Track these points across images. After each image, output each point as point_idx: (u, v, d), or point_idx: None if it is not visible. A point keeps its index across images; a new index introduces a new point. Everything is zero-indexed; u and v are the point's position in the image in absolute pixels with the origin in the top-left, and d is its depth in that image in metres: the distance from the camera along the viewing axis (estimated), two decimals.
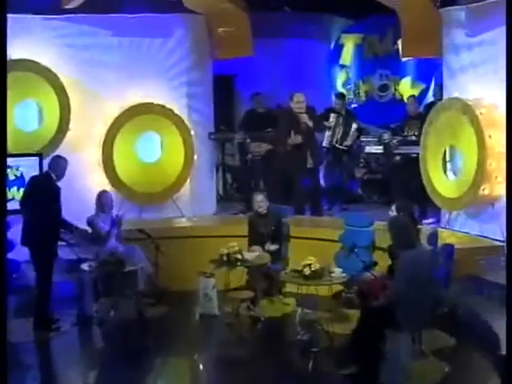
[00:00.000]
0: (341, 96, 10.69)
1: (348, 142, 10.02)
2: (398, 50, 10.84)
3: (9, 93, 6.63)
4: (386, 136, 9.52)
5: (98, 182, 9.10)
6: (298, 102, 9.01)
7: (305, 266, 6.70)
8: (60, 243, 7.20)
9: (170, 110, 9.39)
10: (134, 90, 9.28)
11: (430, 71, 11.43)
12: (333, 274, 6.81)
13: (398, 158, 9.41)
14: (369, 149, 10.27)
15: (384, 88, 11.94)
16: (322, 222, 9.10)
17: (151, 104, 9.32)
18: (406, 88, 11.69)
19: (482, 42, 8.24)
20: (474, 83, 8.36)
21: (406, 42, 9.45)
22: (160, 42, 9.45)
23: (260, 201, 7.86)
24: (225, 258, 7.35)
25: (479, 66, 8.27)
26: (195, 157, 9.53)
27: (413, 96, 10.28)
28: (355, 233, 7.79)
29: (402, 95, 11.66)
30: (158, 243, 7.89)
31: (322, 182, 9.62)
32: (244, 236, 8.01)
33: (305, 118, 9.00)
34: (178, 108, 9.43)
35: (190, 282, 7.90)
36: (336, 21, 12.34)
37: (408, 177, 9.16)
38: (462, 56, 8.60)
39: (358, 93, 11.99)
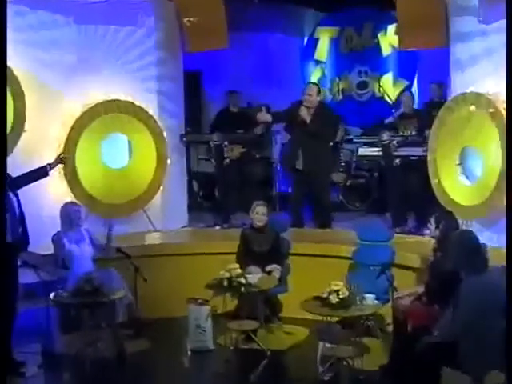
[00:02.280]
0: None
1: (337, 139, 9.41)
2: (377, 43, 11.08)
3: None
4: (386, 136, 8.45)
5: (57, 191, 7.91)
6: (308, 95, 8.15)
7: (331, 293, 5.50)
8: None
9: (140, 107, 8.30)
10: (97, 86, 8.18)
11: (412, 67, 10.96)
12: (365, 302, 5.48)
13: (397, 160, 8.39)
14: (362, 151, 9.44)
15: (363, 85, 11.49)
16: (327, 236, 8.07)
17: (118, 101, 8.22)
18: (388, 85, 11.17)
19: (499, 29, 7.12)
20: (488, 76, 7.35)
21: (404, 31, 8.42)
22: (127, 32, 8.38)
23: (261, 213, 6.86)
24: (225, 283, 6.16)
25: (494, 55, 7.29)
26: (168, 161, 8.50)
27: (409, 92, 9.43)
28: (371, 248, 6.82)
29: (382, 93, 11.11)
30: (137, 265, 6.68)
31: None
32: (231, 253, 6.99)
33: (304, 114, 8.12)
34: (148, 106, 8.40)
35: (176, 310, 6.93)
36: (310, 13, 11.78)
37: (408, 182, 8.34)
38: (474, 45, 7.60)
39: (336, 91, 11.50)
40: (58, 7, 7.92)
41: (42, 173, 6.36)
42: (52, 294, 6.18)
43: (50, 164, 6.42)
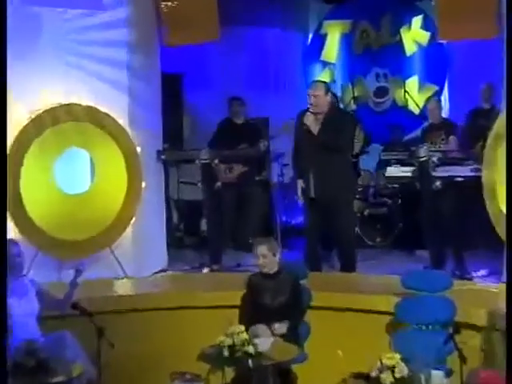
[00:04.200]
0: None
1: (354, 151, 8.52)
2: (399, 40, 10.75)
3: None
4: (423, 152, 7.64)
5: None
6: (313, 96, 7.50)
7: (382, 370, 4.48)
8: None
9: (106, 115, 7.73)
10: (51, 86, 7.57)
11: (443, 69, 10.59)
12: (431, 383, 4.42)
13: (438, 183, 7.61)
14: (391, 171, 8.52)
15: (381, 92, 11.15)
16: (354, 282, 7.49)
17: (77, 106, 7.63)
18: (413, 91, 10.69)
19: None
20: None
21: (445, 18, 7.72)
22: (89, 18, 7.81)
23: (263, 255, 5.97)
24: (226, 353, 5.11)
25: None
26: (142, 184, 7.96)
27: (437, 98, 8.88)
28: (424, 301, 5.91)
29: (406, 101, 10.68)
30: (101, 325, 5.52)
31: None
32: (224, 307, 6.40)
33: (310, 122, 7.49)
34: (117, 114, 7.86)
35: None
36: (315, 3, 11.51)
37: (452, 210, 7.62)
38: None
39: (349, 99, 10.92)
40: None
41: None
42: None
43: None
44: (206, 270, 8.03)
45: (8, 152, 7.10)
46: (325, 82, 7.97)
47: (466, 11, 7.43)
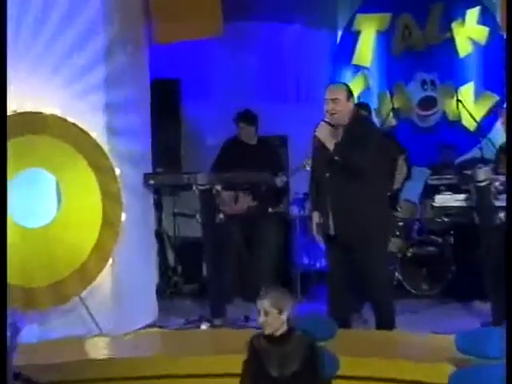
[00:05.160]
0: (365, 108, 9.31)
1: (394, 187, 8.74)
2: (451, 38, 10.57)
3: None
4: (483, 175, 7.48)
5: None
6: (331, 101, 7.15)
7: None
8: None
9: (75, 126, 7.59)
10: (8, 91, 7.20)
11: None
12: None
13: (502, 215, 7.47)
14: (440, 200, 8.27)
15: (428, 103, 10.93)
16: (393, 343, 7.20)
17: (39, 115, 7.49)
18: (467, 102, 10.43)
19: None
20: None
21: None
22: (59, 8, 7.67)
23: (265, 311, 5.58)
24: None
25: None
26: (123, 217, 7.81)
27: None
28: (488, 372, 5.43)
29: (459, 114, 10.37)
30: None
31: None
32: (235, 375, 5.91)
33: (325, 135, 7.11)
34: (92, 128, 7.76)
35: None
36: None
37: None
38: None
39: (387, 111, 10.63)
40: None
41: None
42: None
43: None
44: (204, 326, 7.87)
45: None
46: (346, 85, 7.66)
47: None
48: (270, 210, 8.83)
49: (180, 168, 9.78)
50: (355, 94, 10.19)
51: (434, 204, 8.45)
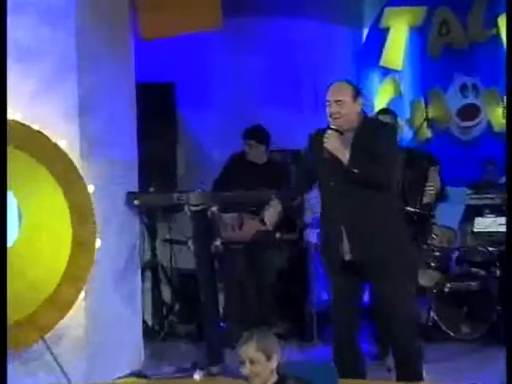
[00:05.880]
0: (390, 116, 8.99)
1: (424, 201, 8.36)
2: (497, 35, 10.51)
3: None
4: None
5: None
6: (335, 103, 6.89)
7: None
8: None
9: (41, 134, 7.32)
10: None
11: None
12: None
13: None
14: (482, 224, 8.49)
15: (470, 112, 10.83)
16: None
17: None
18: None
19: None
20: None
21: None
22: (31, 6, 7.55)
23: (250, 358, 5.28)
24: None
25: None
26: (97, 243, 7.51)
27: None
28: None
29: (505, 125, 9.96)
30: None
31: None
32: None
33: (335, 146, 6.88)
34: (61, 136, 7.48)
35: None
36: None
37: None
38: None
39: (421, 122, 10.76)
40: None
41: None
42: None
43: None
44: (198, 376, 7.55)
45: None
46: (351, 82, 7.39)
47: None
48: (279, 235, 8.75)
49: (176, 187, 9.68)
50: (384, 102, 10.88)
51: (475, 229, 8.64)
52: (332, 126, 6.75)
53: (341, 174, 6.81)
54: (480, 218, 8.53)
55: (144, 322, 8.94)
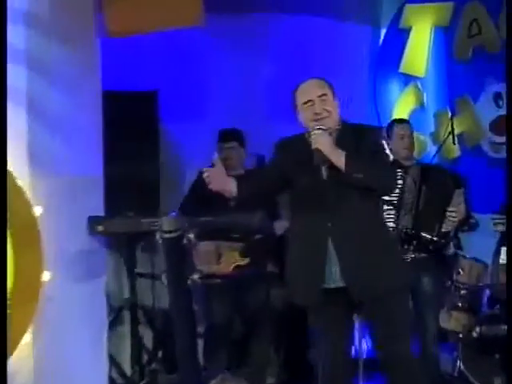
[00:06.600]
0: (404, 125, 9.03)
1: (443, 228, 8.27)
2: None
3: None
4: None
5: None
6: (314, 101, 6.75)
7: None
8: None
9: None
10: None
11: None
12: None
13: None
14: None
15: (504, 125, 9.99)
16: None
17: None
18: None
19: None
20: None
21: None
22: None
23: None
24: None
25: None
26: (46, 276, 7.17)
27: None
28: None
29: None
30: None
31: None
32: None
33: (329, 148, 6.57)
34: (11, 155, 7.17)
35: None
36: None
37: None
38: None
39: (446, 136, 10.07)
40: None
41: None
42: None
43: None
44: None
45: None
46: (324, 79, 7.13)
47: None
48: (268, 269, 8.49)
49: (157, 209, 9.35)
50: (404, 114, 10.62)
51: (501, 260, 8.43)
52: (319, 127, 6.38)
53: (329, 181, 6.46)
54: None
55: (122, 373, 8.80)
